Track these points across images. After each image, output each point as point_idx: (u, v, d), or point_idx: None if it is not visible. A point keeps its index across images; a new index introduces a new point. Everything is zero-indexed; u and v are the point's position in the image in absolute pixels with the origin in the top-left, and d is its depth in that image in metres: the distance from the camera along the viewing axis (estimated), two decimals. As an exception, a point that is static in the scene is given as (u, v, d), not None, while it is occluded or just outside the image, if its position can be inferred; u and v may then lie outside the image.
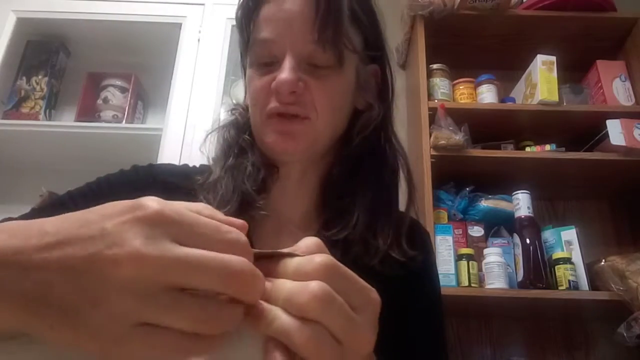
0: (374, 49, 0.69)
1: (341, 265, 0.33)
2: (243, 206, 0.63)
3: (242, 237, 0.31)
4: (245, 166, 0.65)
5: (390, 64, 0.72)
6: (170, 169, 0.72)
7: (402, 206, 0.73)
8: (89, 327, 0.28)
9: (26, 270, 0.28)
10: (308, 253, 0.33)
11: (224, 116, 0.75)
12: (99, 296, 0.28)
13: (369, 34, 0.68)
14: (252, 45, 0.64)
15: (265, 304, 0.31)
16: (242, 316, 0.30)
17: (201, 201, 0.63)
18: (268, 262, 0.33)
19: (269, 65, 0.62)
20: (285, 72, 0.59)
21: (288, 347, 0.31)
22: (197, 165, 0.74)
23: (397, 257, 0.63)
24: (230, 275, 0.29)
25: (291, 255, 0.33)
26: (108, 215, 0.30)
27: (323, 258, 0.32)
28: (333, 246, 0.60)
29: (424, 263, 0.70)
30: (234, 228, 0.31)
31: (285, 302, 0.31)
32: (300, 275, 0.32)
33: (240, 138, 0.68)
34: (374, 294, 0.34)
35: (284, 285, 0.32)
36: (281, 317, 0.31)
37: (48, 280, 0.28)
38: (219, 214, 0.33)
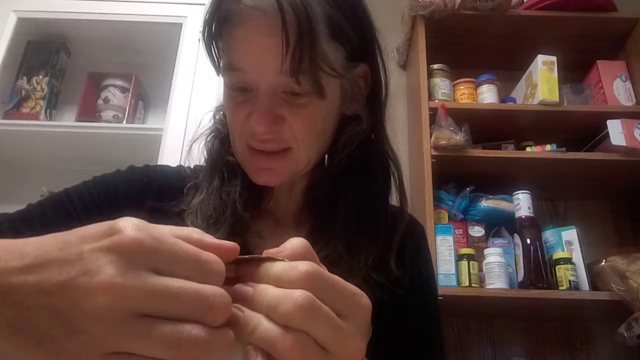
0: (361, 53, 0.63)
1: (326, 272, 0.32)
2: (235, 230, 0.62)
3: (220, 266, 0.31)
4: (231, 192, 0.64)
5: (384, 61, 0.67)
6: (165, 170, 0.72)
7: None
8: (62, 354, 0.28)
9: (6, 294, 0.28)
10: (293, 255, 0.32)
11: (208, 119, 0.73)
12: (73, 324, 0.27)
13: (354, 42, 0.61)
14: (224, 68, 0.61)
15: (247, 311, 0.31)
16: (232, 340, 0.30)
17: (190, 221, 0.62)
18: (251, 266, 0.33)
19: (243, 90, 0.59)
20: (258, 119, 0.57)
21: (271, 355, 0.30)
22: (192, 167, 0.73)
23: (375, 278, 0.60)
24: (205, 306, 0.28)
25: (274, 259, 0.32)
26: (86, 238, 0.29)
27: (307, 266, 0.31)
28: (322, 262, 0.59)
29: (417, 268, 0.68)
30: (213, 256, 0.31)
31: (268, 309, 0.30)
32: (284, 283, 0.31)
33: (225, 158, 0.66)
34: (363, 299, 0.33)
35: (267, 292, 0.31)
36: (264, 325, 0.30)
37: (26, 305, 0.28)
38: (208, 238, 0.32)
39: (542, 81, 1.58)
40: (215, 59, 0.63)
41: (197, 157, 0.71)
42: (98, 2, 1.70)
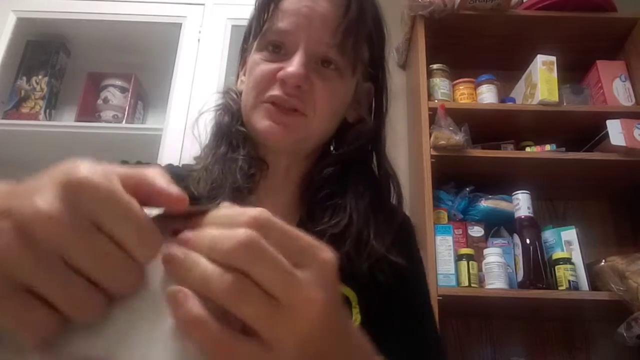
0: (375, 67, 0.71)
1: (281, 221, 0.29)
2: (233, 200, 0.62)
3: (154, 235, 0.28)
4: (237, 159, 0.65)
5: (388, 86, 0.73)
6: (168, 168, 0.72)
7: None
8: None
9: None
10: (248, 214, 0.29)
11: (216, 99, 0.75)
12: None
13: (376, 52, 0.70)
14: (266, 31, 0.64)
15: (187, 252, 0.28)
16: (104, 304, 0.27)
17: (192, 187, 0.63)
18: (200, 218, 0.30)
19: (278, 53, 0.63)
20: (295, 66, 0.60)
21: (209, 298, 0.27)
22: (182, 164, 0.75)
23: (394, 260, 0.63)
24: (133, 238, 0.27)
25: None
26: (54, 172, 0.29)
27: (257, 212, 0.29)
28: (328, 239, 0.60)
29: (409, 253, 0.69)
30: (149, 224, 0.28)
31: (208, 249, 0.28)
32: (230, 226, 0.28)
33: (234, 127, 0.68)
34: (323, 252, 0.30)
35: (209, 233, 0.28)
36: (201, 264, 0.27)
37: None
38: (160, 182, 0.29)
39: (542, 81, 1.58)
40: (261, 22, 0.66)
41: (203, 131, 0.72)
42: (98, 2, 1.70)
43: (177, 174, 0.66)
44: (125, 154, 0.73)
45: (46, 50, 1.74)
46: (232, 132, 0.68)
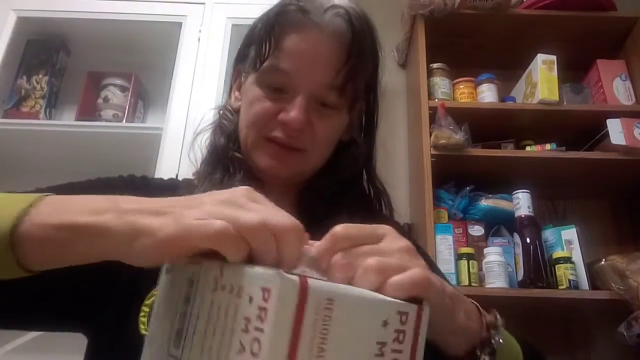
0: (368, 92, 0.73)
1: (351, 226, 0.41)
2: None
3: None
4: (232, 185, 0.64)
5: (379, 106, 0.76)
6: (160, 182, 0.74)
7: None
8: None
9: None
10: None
11: (211, 115, 0.76)
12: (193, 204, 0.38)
13: (370, 79, 0.72)
14: (267, 68, 0.65)
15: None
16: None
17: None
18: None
19: (279, 92, 0.64)
20: (297, 111, 0.62)
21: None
22: (182, 178, 0.76)
23: None
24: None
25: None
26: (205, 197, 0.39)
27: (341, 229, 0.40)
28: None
29: None
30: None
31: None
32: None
33: (230, 152, 0.69)
34: (380, 228, 0.42)
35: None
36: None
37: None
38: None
39: (542, 80, 1.58)
40: (261, 57, 0.66)
41: (200, 151, 0.73)
42: (98, 1, 1.70)
43: (175, 188, 0.68)
44: (125, 153, 0.73)
45: (46, 50, 1.74)
46: (229, 157, 0.69)
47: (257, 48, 0.67)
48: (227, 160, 0.68)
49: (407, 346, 0.35)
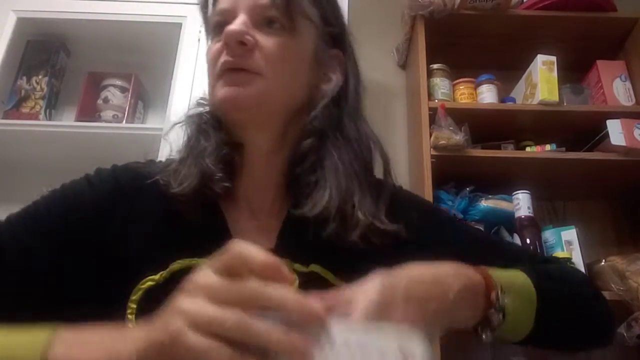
0: (335, 40, 0.70)
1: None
2: (204, 182, 0.62)
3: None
4: (205, 146, 0.65)
5: (353, 49, 0.73)
6: (133, 168, 0.70)
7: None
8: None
9: None
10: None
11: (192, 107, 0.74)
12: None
13: (328, 11, 0.69)
14: (210, 18, 0.67)
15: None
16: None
17: (165, 186, 0.63)
18: None
19: (223, 27, 0.63)
20: (233, 24, 0.61)
21: None
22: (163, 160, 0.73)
23: (381, 227, 0.62)
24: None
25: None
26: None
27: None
28: (306, 225, 0.61)
29: (418, 219, 0.69)
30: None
31: None
32: None
33: (204, 116, 0.69)
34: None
35: None
36: None
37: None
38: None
39: (542, 81, 1.58)
40: (206, 14, 0.68)
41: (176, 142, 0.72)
42: (98, 2, 1.70)
43: (154, 171, 0.66)
44: (125, 153, 0.72)
45: (46, 50, 1.74)
46: (203, 120, 0.68)
47: (203, 15, 0.70)
48: (201, 125, 0.68)
49: None
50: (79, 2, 1.69)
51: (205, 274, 0.40)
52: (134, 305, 0.57)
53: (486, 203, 1.57)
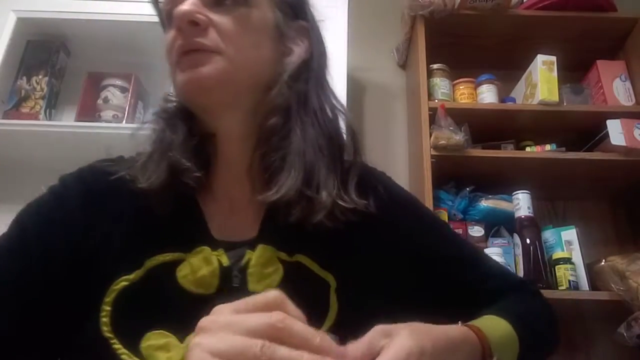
0: (298, 13, 0.67)
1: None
2: (173, 174, 0.60)
3: None
4: (173, 139, 0.62)
5: (316, 20, 0.70)
6: (100, 167, 0.67)
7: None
8: None
9: None
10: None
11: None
12: None
13: None
14: (162, 9, 0.64)
15: None
16: None
17: (132, 182, 0.61)
18: None
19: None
20: (181, 5, 0.58)
21: None
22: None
23: (345, 206, 0.60)
24: None
25: None
26: None
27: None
28: (274, 209, 0.60)
29: (386, 199, 0.67)
30: None
31: None
32: None
33: (171, 114, 0.66)
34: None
35: None
36: None
37: None
38: None
39: (542, 81, 1.58)
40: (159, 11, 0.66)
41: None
42: (98, 2, 1.70)
43: (122, 168, 0.64)
44: (125, 153, 0.72)
45: (46, 50, 1.74)
46: (171, 114, 0.66)
47: (158, 12, 0.67)
48: (168, 116, 0.66)
49: None
50: (79, 2, 1.69)
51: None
52: (109, 308, 0.55)
53: (486, 203, 1.57)
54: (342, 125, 0.67)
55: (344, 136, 0.67)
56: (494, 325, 0.59)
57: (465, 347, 0.51)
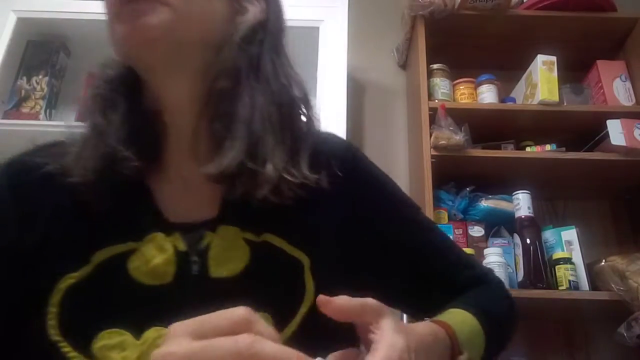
0: None
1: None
2: (109, 165, 0.54)
3: None
4: (111, 120, 0.56)
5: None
6: (22, 162, 0.63)
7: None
8: None
9: None
10: None
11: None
12: None
13: None
14: None
15: None
16: None
17: (62, 175, 0.56)
18: None
19: None
20: None
21: None
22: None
23: (293, 180, 0.54)
24: None
25: None
26: None
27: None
28: (217, 182, 0.54)
29: (344, 174, 0.61)
30: None
31: None
32: None
33: (110, 88, 0.59)
34: None
35: None
36: None
37: None
38: None
39: (542, 81, 1.58)
40: None
41: None
42: (98, 2, 1.69)
43: (47, 158, 0.59)
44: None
45: (46, 50, 1.74)
46: (111, 87, 0.60)
47: None
48: (110, 94, 0.59)
49: None
50: (79, 2, 1.69)
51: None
52: (55, 309, 0.50)
53: (486, 203, 1.57)
54: (298, 94, 0.60)
55: (299, 106, 0.61)
56: (463, 321, 0.57)
57: (437, 347, 0.49)
